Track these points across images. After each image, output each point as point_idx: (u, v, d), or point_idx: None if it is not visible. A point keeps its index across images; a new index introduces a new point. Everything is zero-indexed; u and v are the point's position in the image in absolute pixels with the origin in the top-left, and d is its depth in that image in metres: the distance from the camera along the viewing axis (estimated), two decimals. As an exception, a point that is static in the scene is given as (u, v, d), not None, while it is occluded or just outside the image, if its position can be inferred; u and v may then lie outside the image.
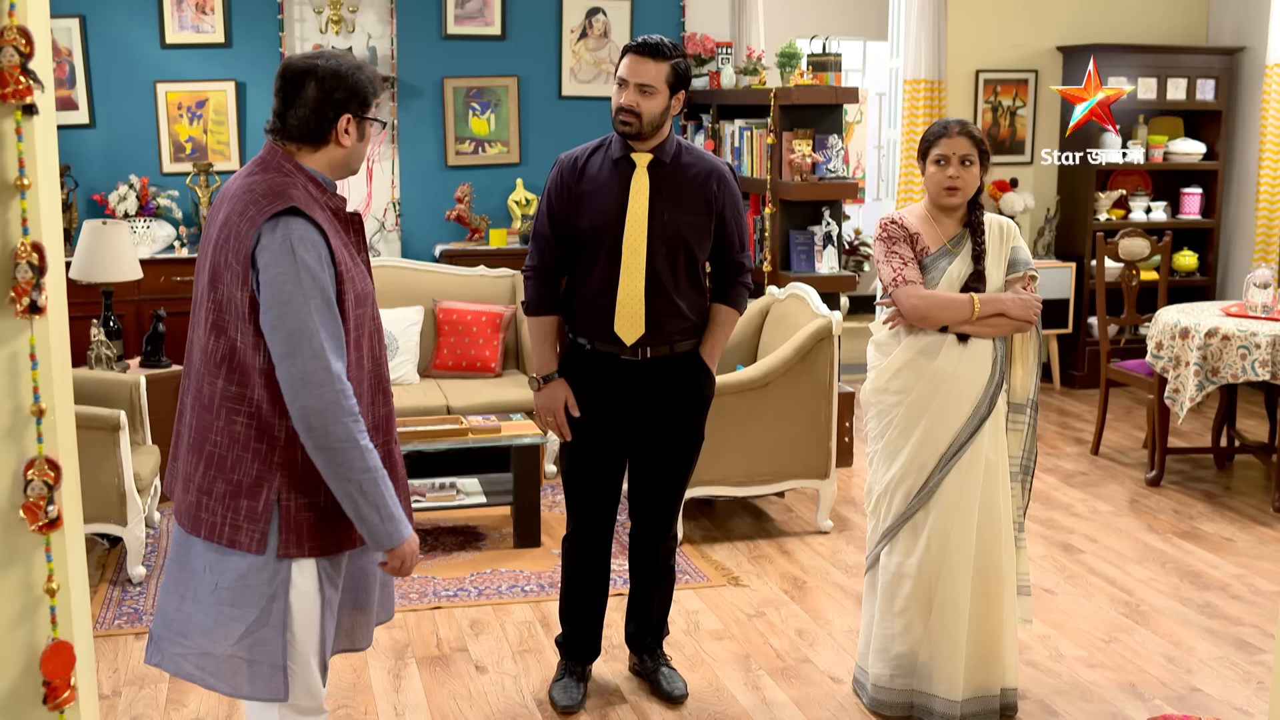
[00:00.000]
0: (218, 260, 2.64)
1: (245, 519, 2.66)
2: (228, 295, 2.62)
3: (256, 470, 2.66)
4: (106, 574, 5.13)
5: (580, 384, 3.89)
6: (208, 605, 2.72)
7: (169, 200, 7.11)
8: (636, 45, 3.73)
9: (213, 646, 2.72)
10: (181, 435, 2.80)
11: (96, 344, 5.84)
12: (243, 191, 2.66)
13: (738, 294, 3.95)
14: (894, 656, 3.86)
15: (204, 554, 2.72)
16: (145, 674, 4.27)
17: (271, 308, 2.57)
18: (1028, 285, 3.80)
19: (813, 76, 6.66)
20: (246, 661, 2.71)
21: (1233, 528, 5.81)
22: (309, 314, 2.57)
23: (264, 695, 2.72)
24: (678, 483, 4.03)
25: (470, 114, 7.64)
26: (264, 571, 2.68)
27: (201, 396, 2.69)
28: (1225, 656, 4.46)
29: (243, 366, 2.63)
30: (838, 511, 5.93)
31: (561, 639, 4.19)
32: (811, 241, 6.62)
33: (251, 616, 2.70)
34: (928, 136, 3.76)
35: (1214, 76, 8.39)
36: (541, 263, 3.89)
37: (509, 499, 5.51)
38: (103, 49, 7.11)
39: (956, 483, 3.74)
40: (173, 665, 2.79)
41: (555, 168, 3.87)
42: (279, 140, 2.73)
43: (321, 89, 2.68)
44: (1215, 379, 5.94)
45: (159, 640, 2.81)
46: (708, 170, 3.84)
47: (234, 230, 2.62)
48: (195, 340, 2.73)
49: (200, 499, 2.70)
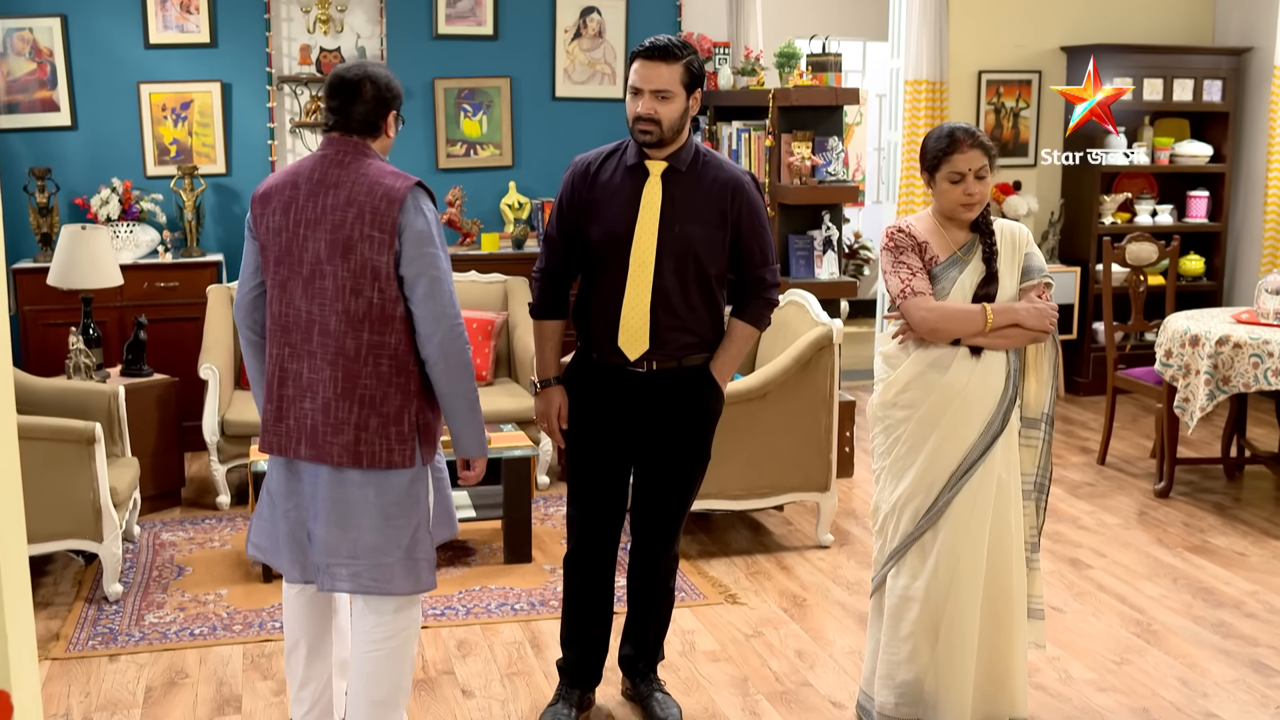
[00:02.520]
0: (351, 234, 3.20)
1: (397, 441, 3.26)
2: (365, 261, 3.20)
3: (399, 401, 3.26)
4: (82, 592, 4.96)
5: (588, 394, 3.76)
6: (376, 525, 3.29)
7: (152, 204, 6.92)
8: (646, 49, 3.56)
9: (385, 557, 3.30)
10: (296, 392, 3.30)
11: (75, 352, 5.67)
12: (358, 176, 3.24)
13: (756, 310, 3.75)
14: (899, 684, 3.69)
15: (363, 484, 3.29)
16: (118, 698, 4.10)
17: (415, 259, 3.21)
18: (1043, 293, 3.63)
19: (812, 77, 6.51)
20: (414, 561, 3.33)
21: (1245, 541, 5.64)
22: (443, 264, 3.25)
23: (429, 585, 3.38)
24: (681, 500, 3.85)
25: (462, 115, 7.47)
26: (420, 480, 3.33)
27: (345, 351, 3.24)
28: (1241, 679, 4.29)
29: (384, 317, 3.23)
30: (838, 525, 5.76)
31: (562, 662, 4.01)
32: (811, 246, 6.46)
33: (414, 521, 3.33)
34: (935, 150, 3.56)
35: (1221, 77, 8.23)
36: (549, 266, 3.78)
37: (499, 513, 5.34)
38: (85, 49, 6.94)
39: (967, 502, 3.56)
40: (348, 584, 3.34)
41: (569, 171, 3.74)
42: (346, 134, 3.32)
43: (377, 89, 3.31)
44: (1226, 388, 5.78)
45: (329, 568, 3.33)
46: (725, 180, 3.65)
47: (369, 206, 3.20)
48: (322, 308, 3.24)
49: (358, 435, 3.25)
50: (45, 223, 6.76)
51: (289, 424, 3.33)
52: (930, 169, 3.59)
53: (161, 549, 5.44)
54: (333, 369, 3.26)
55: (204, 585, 5.04)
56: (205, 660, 4.40)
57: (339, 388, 3.25)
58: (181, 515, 5.92)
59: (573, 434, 3.80)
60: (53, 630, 4.62)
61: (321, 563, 3.35)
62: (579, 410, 3.78)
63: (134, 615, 4.75)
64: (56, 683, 4.21)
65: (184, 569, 5.22)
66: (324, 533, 3.33)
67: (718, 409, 3.79)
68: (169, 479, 6.04)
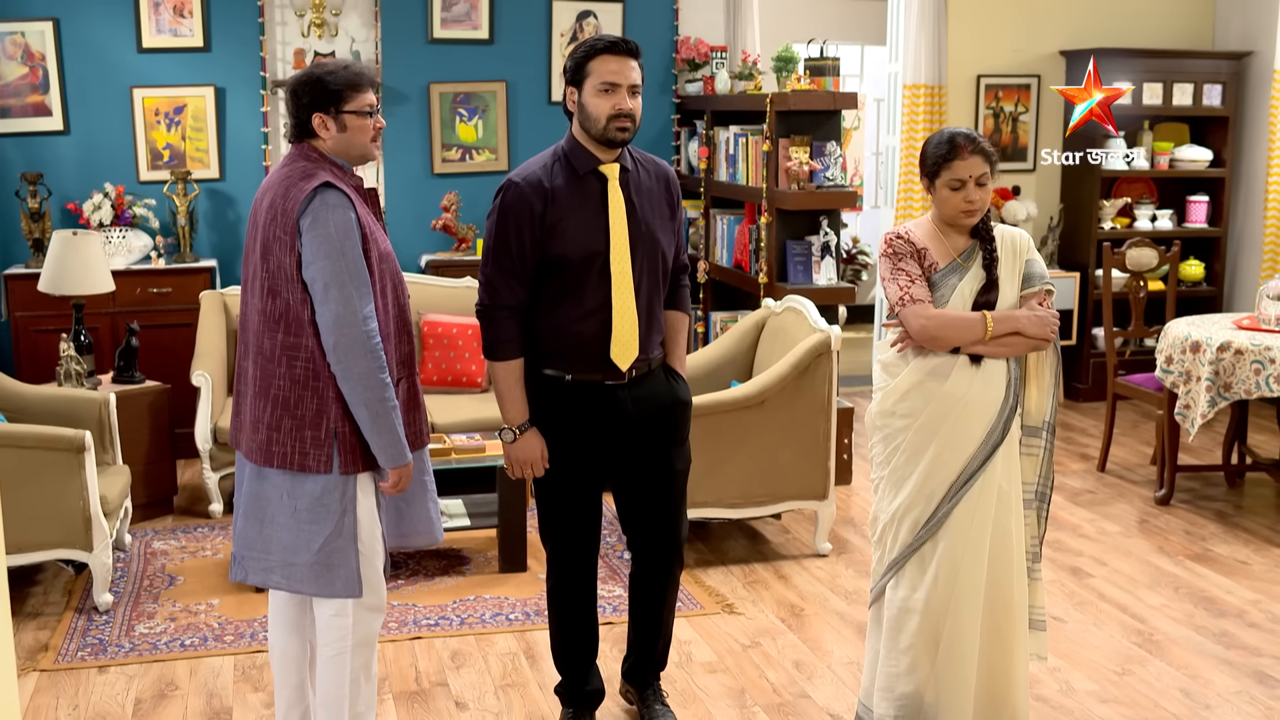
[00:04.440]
0: (268, 236, 3.23)
1: (312, 446, 3.25)
2: (278, 263, 3.21)
3: (316, 405, 3.25)
4: (72, 602, 4.90)
5: (561, 419, 3.62)
6: (288, 525, 3.31)
7: (145, 209, 6.86)
8: (614, 44, 3.49)
9: (295, 558, 3.31)
10: (244, 391, 3.36)
11: (66, 359, 5.62)
12: (283, 178, 3.27)
13: (685, 298, 3.84)
14: (899, 696, 3.63)
15: (279, 483, 3.31)
16: (107, 710, 4.05)
17: (311, 262, 3.18)
18: (1044, 300, 3.57)
19: (810, 82, 6.45)
20: (326, 567, 3.30)
21: (1247, 550, 5.59)
22: (341, 267, 3.17)
23: (343, 593, 3.32)
24: (681, 500, 3.80)
25: (457, 120, 7.42)
26: (335, 490, 3.28)
27: (263, 351, 3.27)
28: (1245, 690, 4.24)
29: (297, 320, 3.22)
30: (837, 533, 5.71)
31: (562, 688, 3.91)
32: (809, 252, 6.41)
33: (328, 530, 3.29)
34: (936, 156, 3.50)
35: (1221, 81, 8.18)
36: (511, 301, 3.54)
37: (494, 521, 5.29)
38: (77, 53, 6.88)
39: (967, 512, 3.51)
40: (259, 578, 3.40)
41: (511, 194, 3.50)
42: (293, 138, 3.37)
43: (296, 95, 3.31)
44: (1228, 395, 5.73)
45: (243, 560, 3.40)
46: (660, 172, 3.71)
47: (280, 208, 3.21)
48: (252, 305, 3.30)
49: (270, 435, 3.27)
50: (37, 228, 6.71)
51: (238, 419, 3.42)
52: (930, 175, 3.53)
53: (153, 558, 5.39)
54: (254, 368, 3.32)
55: (195, 595, 4.98)
56: (195, 672, 4.34)
57: (257, 386, 3.31)
58: (173, 523, 5.86)
59: (549, 465, 3.65)
60: (42, 641, 4.56)
61: (239, 554, 3.42)
62: (554, 441, 3.64)
63: (124, 626, 4.70)
64: (45, 694, 4.16)
65: (175, 578, 5.16)
66: (242, 525, 3.40)
67: (690, 399, 3.81)
68: (161, 487, 5.98)
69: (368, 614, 3.42)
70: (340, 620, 3.38)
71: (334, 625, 3.39)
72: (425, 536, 3.55)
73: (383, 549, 3.44)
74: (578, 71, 3.52)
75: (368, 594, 3.38)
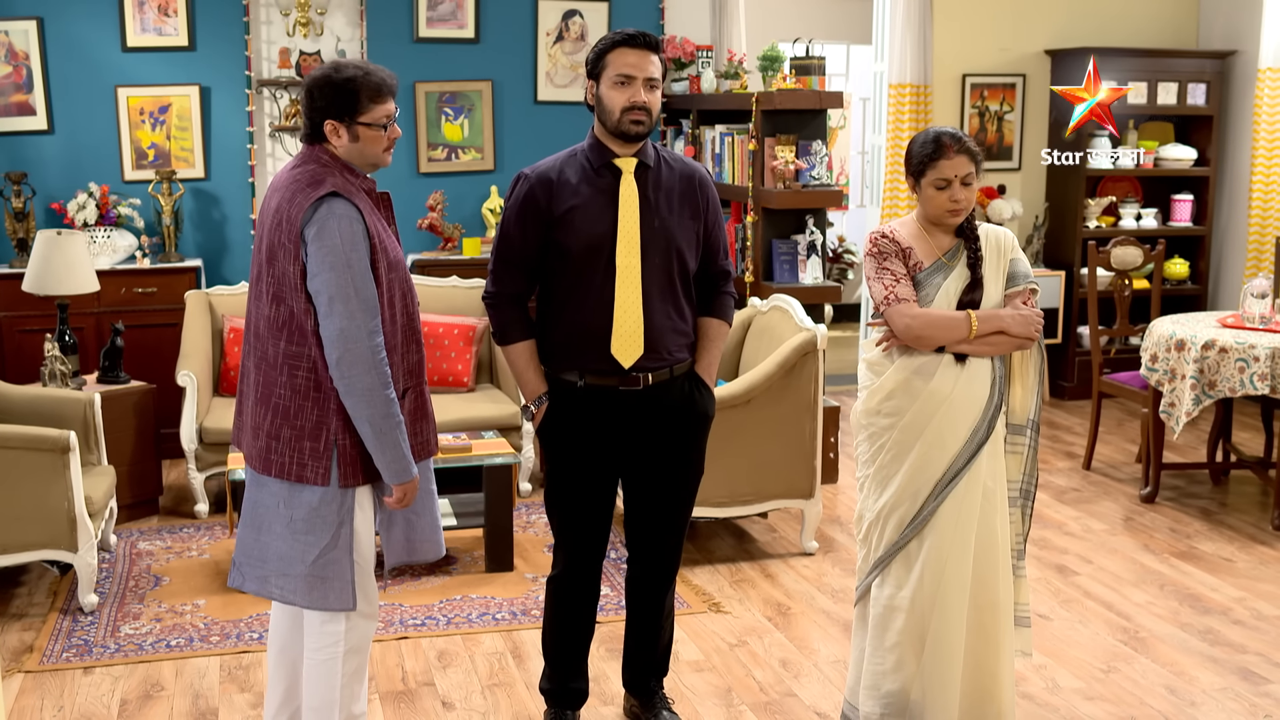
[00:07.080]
0: (273, 241, 3.17)
1: (310, 457, 3.20)
2: (283, 270, 3.15)
3: (316, 416, 3.20)
4: (57, 603, 4.89)
5: (575, 425, 3.61)
6: (284, 534, 3.27)
7: (130, 209, 6.84)
8: (632, 37, 3.47)
9: (290, 569, 3.27)
10: (247, 393, 3.32)
11: (50, 359, 5.60)
12: (290, 181, 3.19)
13: (724, 305, 3.74)
14: (884, 694, 3.64)
15: (277, 492, 3.26)
16: (92, 712, 4.04)
17: (316, 274, 3.10)
18: (1028, 300, 3.58)
19: (796, 81, 6.45)
20: (320, 579, 3.26)
21: (1231, 547, 5.61)
22: (346, 280, 3.09)
23: (336, 606, 3.29)
24: (685, 516, 3.79)
25: (443, 119, 7.41)
26: (333, 503, 3.24)
27: (266, 357, 3.23)
28: (1230, 687, 4.26)
29: (300, 329, 3.17)
30: (823, 532, 5.72)
31: (547, 686, 3.89)
32: (795, 251, 6.42)
33: (324, 541, 3.25)
34: (921, 155, 3.51)
35: (1205, 81, 8.21)
36: (514, 289, 3.60)
37: (480, 521, 5.28)
38: (61, 52, 6.86)
39: (952, 511, 3.52)
40: (255, 586, 3.35)
41: (523, 186, 3.55)
42: (305, 139, 3.28)
43: (310, 98, 3.22)
44: (1212, 393, 5.75)
45: (241, 566, 3.37)
46: (690, 173, 3.64)
47: (285, 214, 3.14)
48: (257, 311, 3.25)
49: (270, 444, 3.23)
50: (21, 228, 6.68)
51: (240, 419, 3.40)
52: (916, 174, 3.54)
53: (138, 558, 5.37)
54: (257, 373, 3.28)
55: (181, 595, 4.97)
56: (181, 672, 4.33)
57: (259, 392, 3.27)
58: (159, 524, 5.85)
59: (562, 466, 3.66)
60: (26, 642, 4.54)
61: (238, 560, 3.39)
62: (567, 443, 3.65)
63: (109, 626, 4.68)
64: (29, 696, 4.14)
65: (161, 579, 5.15)
66: (242, 532, 3.38)
67: (713, 411, 3.75)
68: (146, 487, 5.96)
69: (361, 621, 3.40)
70: (332, 626, 3.36)
71: (326, 631, 3.36)
72: (433, 550, 3.49)
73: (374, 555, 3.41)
74: (596, 64, 3.52)
75: (362, 603, 3.36)
